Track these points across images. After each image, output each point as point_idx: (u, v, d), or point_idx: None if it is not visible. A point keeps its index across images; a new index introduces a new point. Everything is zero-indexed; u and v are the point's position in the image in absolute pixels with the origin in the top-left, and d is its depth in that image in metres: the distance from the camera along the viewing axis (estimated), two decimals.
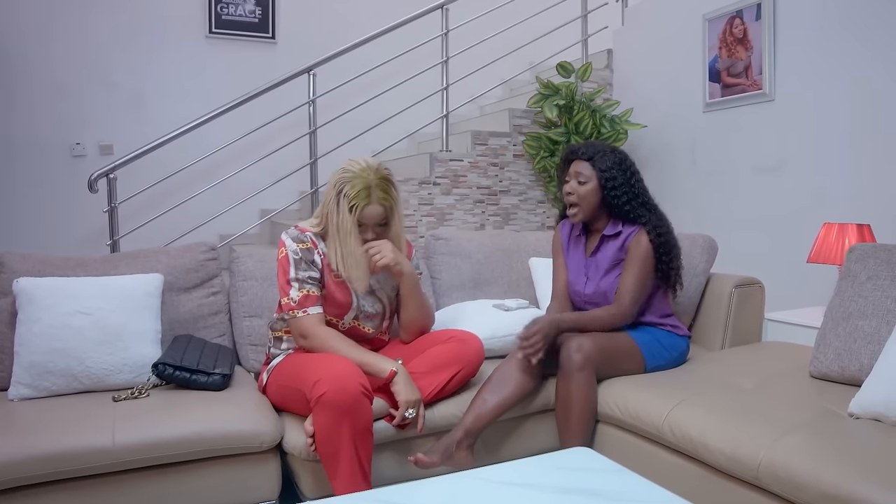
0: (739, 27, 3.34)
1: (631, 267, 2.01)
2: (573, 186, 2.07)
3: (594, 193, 2.05)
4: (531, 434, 2.05)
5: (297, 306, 1.82)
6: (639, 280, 2.00)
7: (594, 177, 2.05)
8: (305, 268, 1.85)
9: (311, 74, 3.66)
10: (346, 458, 1.63)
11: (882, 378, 1.56)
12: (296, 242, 1.86)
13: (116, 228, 3.34)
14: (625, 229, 2.06)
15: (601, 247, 2.10)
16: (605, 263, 2.08)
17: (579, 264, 2.15)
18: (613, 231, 2.07)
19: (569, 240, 2.21)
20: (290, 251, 1.85)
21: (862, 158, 2.84)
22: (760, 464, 1.44)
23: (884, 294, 1.80)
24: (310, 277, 1.85)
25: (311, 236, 1.89)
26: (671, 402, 1.75)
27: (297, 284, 1.83)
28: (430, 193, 3.77)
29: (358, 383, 1.63)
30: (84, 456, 1.56)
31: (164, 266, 2.16)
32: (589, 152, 2.08)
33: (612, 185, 2.03)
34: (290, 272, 1.84)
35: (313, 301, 1.83)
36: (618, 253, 2.06)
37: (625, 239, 2.05)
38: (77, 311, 1.89)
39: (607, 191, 2.04)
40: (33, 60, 3.96)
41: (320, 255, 1.89)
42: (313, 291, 1.84)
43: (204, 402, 1.77)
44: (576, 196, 2.06)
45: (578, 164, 2.08)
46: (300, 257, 1.85)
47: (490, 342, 2.16)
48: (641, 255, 2.00)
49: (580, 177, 2.06)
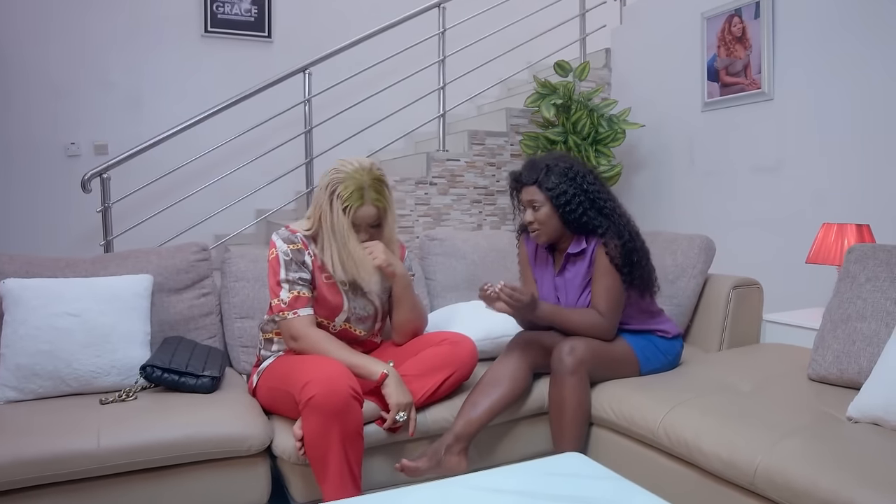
0: (738, 25, 3.31)
1: (600, 281, 1.94)
2: (531, 215, 1.98)
3: (551, 216, 1.96)
4: (525, 437, 2.02)
5: (287, 308, 1.79)
6: (611, 294, 1.93)
7: (546, 200, 1.96)
8: (296, 269, 1.82)
9: (306, 73, 3.63)
10: (336, 463, 1.60)
11: (881, 381, 1.54)
12: (286, 243, 1.84)
13: (110, 228, 3.32)
14: (589, 245, 1.99)
15: (567, 265, 2.03)
16: (577, 283, 2.01)
17: (549, 283, 2.08)
18: (578, 248, 1.99)
19: (535, 255, 2.14)
20: (281, 252, 1.83)
21: (862, 158, 2.81)
22: (757, 469, 1.42)
23: (883, 296, 1.77)
24: (300, 279, 1.82)
25: (302, 237, 1.87)
26: (667, 406, 1.72)
27: (287, 286, 1.81)
28: (426, 193, 3.74)
29: (348, 386, 1.61)
30: (69, 460, 1.54)
31: (154, 267, 2.14)
32: (532, 175, 1.98)
33: (565, 200, 1.93)
34: (281, 273, 1.81)
35: (304, 302, 1.81)
36: (588, 271, 1.99)
37: (591, 255, 1.99)
38: (65, 312, 1.87)
39: (561, 208, 1.94)
40: (29, 60, 3.93)
41: (311, 256, 1.86)
42: (304, 293, 1.81)
43: (192, 405, 1.75)
44: (537, 223, 1.98)
45: (527, 190, 1.99)
46: (291, 258, 1.82)
47: (483, 344, 2.13)
48: (605, 269, 1.93)
49: (534, 203, 1.97)
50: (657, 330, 2.06)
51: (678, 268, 2.33)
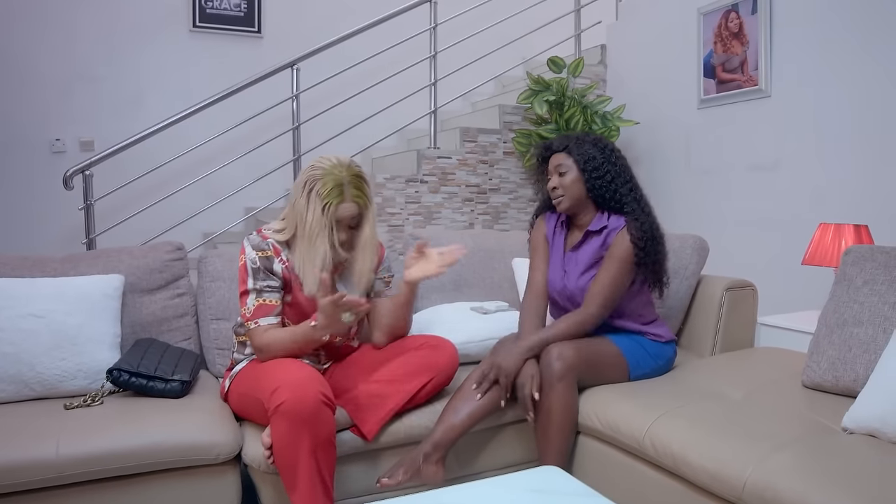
0: (735, 21, 3.23)
1: (608, 265, 1.89)
2: (556, 181, 1.96)
3: (577, 182, 1.94)
4: (507, 445, 1.95)
5: (251, 317, 1.73)
6: (613, 282, 1.87)
7: (574, 166, 1.94)
8: (264, 277, 1.75)
9: (294, 69, 3.56)
10: (306, 471, 1.53)
11: (878, 390, 1.46)
12: (255, 251, 1.76)
13: (92, 226, 3.25)
14: (610, 223, 1.94)
15: (584, 243, 1.98)
16: (586, 259, 1.96)
17: (558, 258, 2.03)
18: (598, 226, 1.94)
19: (553, 233, 2.08)
20: (249, 260, 1.75)
21: (860, 156, 2.73)
22: (746, 484, 1.34)
23: (881, 300, 1.69)
24: (268, 286, 1.75)
25: (274, 243, 1.79)
26: (653, 414, 1.64)
27: (253, 294, 1.74)
28: (417, 191, 3.67)
29: (319, 392, 1.53)
30: (26, 469, 1.47)
31: (126, 266, 2.06)
32: (563, 143, 1.99)
33: (593, 166, 1.92)
34: (249, 283, 1.75)
35: (268, 311, 1.74)
36: (600, 250, 1.94)
37: (607, 235, 1.93)
38: (29, 313, 1.80)
39: (588, 174, 1.92)
40: (14, 54, 3.86)
41: (282, 262, 1.79)
42: (270, 300, 1.75)
43: (160, 410, 1.68)
44: (561, 189, 1.95)
45: (556, 157, 1.98)
46: (259, 266, 1.75)
47: (466, 347, 2.06)
48: (621, 254, 1.87)
49: (560, 168, 1.96)
50: (649, 333, 1.99)
51: (670, 269, 2.25)
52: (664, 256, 1.96)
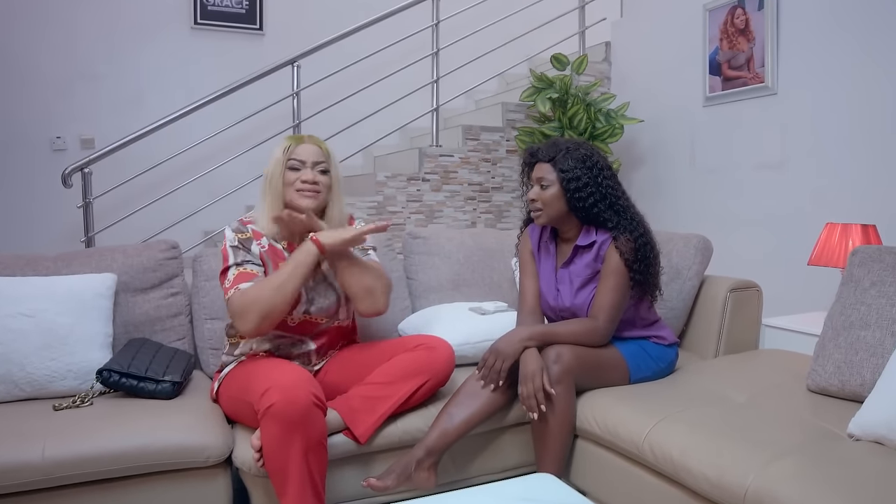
0: (741, 17, 3.18)
1: (606, 281, 1.83)
2: (536, 192, 1.88)
3: (558, 198, 1.86)
4: (505, 449, 1.90)
5: (231, 285, 1.70)
6: (615, 296, 1.82)
7: (556, 181, 1.86)
8: (244, 254, 1.76)
9: (295, 66, 3.53)
10: (296, 475, 1.49)
11: (885, 395, 1.41)
12: (235, 233, 1.79)
13: (91, 224, 3.23)
14: (598, 237, 1.88)
15: (574, 258, 1.92)
16: (580, 277, 1.90)
17: (550, 275, 1.97)
18: (587, 241, 1.88)
19: (539, 245, 2.03)
20: (229, 240, 1.77)
21: (868, 155, 2.67)
22: (747, 492, 1.30)
23: (888, 302, 1.64)
24: (248, 260, 1.75)
25: (254, 228, 1.82)
26: (653, 419, 1.60)
27: (234, 268, 1.73)
28: (419, 190, 3.63)
29: (310, 393, 1.50)
30: (10, 472, 1.44)
31: (119, 265, 2.04)
32: (550, 153, 1.88)
33: (576, 185, 1.83)
34: (230, 259, 1.75)
35: (248, 277, 1.70)
36: (593, 264, 1.88)
37: (598, 249, 1.88)
38: (19, 313, 1.77)
39: (570, 193, 1.84)
40: (14, 52, 3.84)
41: (261, 246, 1.80)
42: (250, 269, 1.74)
43: (150, 411, 1.65)
44: (540, 202, 1.88)
45: (540, 167, 1.90)
46: (238, 245, 1.76)
47: (463, 348, 2.02)
48: (614, 268, 1.82)
49: (542, 181, 1.87)
50: (653, 336, 1.95)
51: (673, 269, 2.21)
52: (657, 271, 1.90)
